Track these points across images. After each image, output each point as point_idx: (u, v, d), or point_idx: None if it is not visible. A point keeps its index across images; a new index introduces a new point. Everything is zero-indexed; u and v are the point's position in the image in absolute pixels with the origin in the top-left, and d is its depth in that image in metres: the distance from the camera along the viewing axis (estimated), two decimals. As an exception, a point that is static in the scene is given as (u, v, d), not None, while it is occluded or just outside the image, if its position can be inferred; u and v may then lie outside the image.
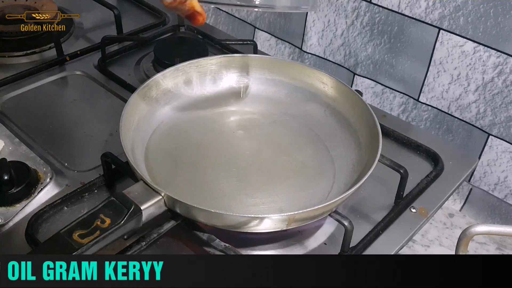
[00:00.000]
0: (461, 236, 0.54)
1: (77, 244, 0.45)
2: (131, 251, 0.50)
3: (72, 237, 0.46)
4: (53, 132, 0.70)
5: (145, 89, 0.64)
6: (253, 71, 0.71)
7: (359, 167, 0.60)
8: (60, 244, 0.45)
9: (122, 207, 0.49)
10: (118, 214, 0.48)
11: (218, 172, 0.61)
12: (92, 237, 0.46)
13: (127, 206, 0.49)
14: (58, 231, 0.46)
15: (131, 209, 0.49)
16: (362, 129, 0.63)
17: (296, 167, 0.62)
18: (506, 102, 0.69)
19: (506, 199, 0.74)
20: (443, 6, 0.70)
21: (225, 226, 0.52)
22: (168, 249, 0.56)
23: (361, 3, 0.78)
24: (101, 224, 0.47)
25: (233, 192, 0.58)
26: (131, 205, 0.49)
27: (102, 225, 0.47)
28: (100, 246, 0.47)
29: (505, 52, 0.66)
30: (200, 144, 0.64)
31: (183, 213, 0.52)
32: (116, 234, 0.48)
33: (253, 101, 0.71)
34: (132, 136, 0.60)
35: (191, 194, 0.58)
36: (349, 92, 0.65)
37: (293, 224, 0.51)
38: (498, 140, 0.72)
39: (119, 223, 0.48)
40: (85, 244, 0.45)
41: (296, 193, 0.59)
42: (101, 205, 0.49)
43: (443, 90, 0.75)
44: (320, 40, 0.87)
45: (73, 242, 0.45)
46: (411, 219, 0.61)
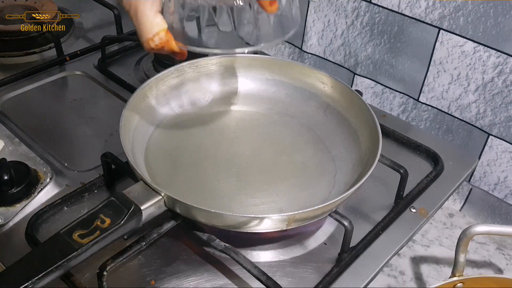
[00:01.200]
0: (461, 236, 0.54)
1: (77, 244, 0.45)
2: (131, 251, 0.50)
3: (72, 237, 0.46)
4: (53, 132, 0.70)
5: (145, 89, 0.64)
6: (253, 71, 0.71)
7: (359, 167, 0.60)
8: (60, 244, 0.45)
9: (122, 207, 0.49)
10: (118, 214, 0.48)
11: (218, 172, 0.61)
12: (92, 237, 0.46)
13: (127, 206, 0.49)
14: (58, 231, 0.46)
15: (131, 209, 0.49)
16: (362, 129, 0.63)
17: (296, 167, 0.62)
18: (506, 102, 0.69)
19: (506, 199, 0.74)
20: (443, 6, 0.70)
21: (225, 226, 0.52)
22: (168, 249, 0.56)
23: (361, 3, 0.78)
24: (101, 224, 0.47)
25: (233, 192, 0.58)
26: (131, 205, 0.49)
27: (102, 225, 0.47)
28: (100, 246, 0.47)
29: (505, 52, 0.66)
30: (200, 144, 0.64)
31: (183, 213, 0.52)
32: (116, 234, 0.48)
33: (253, 101, 0.71)
34: (132, 136, 0.60)
35: (191, 194, 0.58)
36: (349, 92, 0.65)
37: (293, 224, 0.51)
38: (498, 140, 0.72)
39: (119, 223, 0.48)
40: (85, 244, 0.45)
41: (296, 193, 0.59)
42: (101, 205, 0.49)
43: (443, 90, 0.75)
44: (320, 40, 0.87)
45: (73, 242, 0.45)
46: (411, 219, 0.61)
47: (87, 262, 0.47)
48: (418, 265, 0.63)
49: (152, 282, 0.53)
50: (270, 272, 0.52)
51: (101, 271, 0.48)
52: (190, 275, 0.54)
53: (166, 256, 0.55)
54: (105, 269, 0.48)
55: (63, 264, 0.44)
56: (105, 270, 0.48)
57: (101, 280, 0.48)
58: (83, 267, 0.51)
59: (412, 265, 0.63)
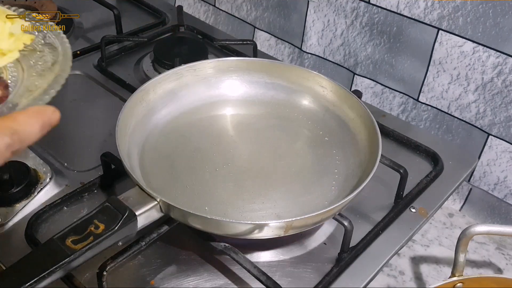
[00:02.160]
0: (460, 236, 0.54)
1: (70, 250, 0.44)
2: (131, 251, 0.50)
3: (65, 243, 0.44)
4: (53, 132, 0.69)
5: (142, 92, 0.63)
6: (251, 75, 0.70)
7: (358, 172, 0.59)
8: (53, 250, 0.44)
9: (117, 212, 0.47)
10: (112, 219, 0.47)
11: (215, 177, 0.59)
12: (86, 243, 0.45)
13: (121, 211, 0.48)
14: (51, 236, 0.45)
15: (126, 214, 0.47)
16: (361, 133, 0.63)
17: (295, 172, 0.61)
18: (505, 102, 0.69)
19: (506, 199, 0.74)
20: (442, 7, 0.70)
21: (221, 233, 0.51)
22: (168, 249, 0.56)
23: (360, 4, 0.78)
24: (95, 229, 0.46)
25: (230, 197, 0.57)
26: (126, 210, 0.48)
27: (96, 231, 0.46)
28: (94, 253, 0.45)
29: (505, 52, 0.66)
30: (197, 148, 0.63)
31: (179, 219, 0.51)
32: (110, 240, 0.46)
33: (251, 105, 0.70)
34: (128, 140, 0.58)
35: (187, 200, 0.56)
36: (348, 96, 0.65)
37: (290, 231, 0.50)
38: (498, 140, 0.72)
39: (113, 228, 0.46)
40: (78, 250, 0.44)
41: (294, 199, 0.58)
42: (95, 211, 0.48)
43: (442, 90, 0.75)
44: (319, 40, 0.87)
45: (66, 248, 0.44)
46: (410, 219, 0.61)
47: (87, 262, 0.47)
48: (418, 265, 0.63)
49: (152, 282, 0.53)
50: (270, 272, 0.52)
51: (101, 271, 0.48)
52: (190, 275, 0.54)
53: (166, 256, 0.55)
54: (105, 269, 0.48)
55: (55, 270, 0.42)
56: (105, 270, 0.48)
57: (101, 280, 0.48)
58: (83, 267, 0.51)
59: (411, 265, 0.63)
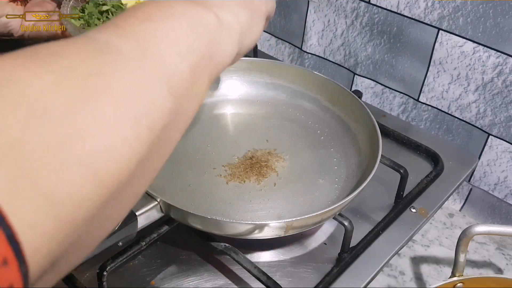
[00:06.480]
0: (461, 236, 0.54)
1: None
2: (131, 251, 0.50)
3: None
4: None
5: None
6: (252, 75, 0.70)
7: (358, 172, 0.59)
8: None
9: None
10: None
11: (215, 176, 0.59)
12: None
13: None
14: None
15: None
16: (361, 134, 0.63)
17: (295, 171, 0.61)
18: (506, 102, 0.69)
19: (506, 199, 0.74)
20: (442, 7, 0.70)
21: (222, 233, 0.51)
22: (168, 249, 0.56)
23: (360, 4, 0.78)
24: None
25: (231, 197, 0.57)
26: None
27: None
28: (93, 253, 0.44)
29: (505, 52, 0.66)
30: (197, 148, 0.63)
31: (179, 219, 0.51)
32: (110, 241, 0.46)
33: (252, 104, 0.70)
34: None
35: (188, 200, 0.56)
36: (349, 96, 0.65)
37: (291, 231, 0.51)
38: (498, 140, 0.72)
39: (113, 228, 0.47)
40: None
41: (295, 199, 0.58)
42: None
43: (443, 90, 0.75)
44: (320, 40, 0.87)
45: None
46: (411, 219, 0.61)
47: (87, 262, 0.47)
48: (418, 265, 0.63)
49: (152, 282, 0.53)
50: (270, 272, 0.52)
51: (101, 271, 0.48)
52: (190, 275, 0.54)
53: (166, 256, 0.55)
54: (105, 269, 0.48)
55: None
56: (105, 270, 0.48)
57: (101, 280, 0.48)
58: (83, 267, 0.51)
59: (412, 265, 0.63)
